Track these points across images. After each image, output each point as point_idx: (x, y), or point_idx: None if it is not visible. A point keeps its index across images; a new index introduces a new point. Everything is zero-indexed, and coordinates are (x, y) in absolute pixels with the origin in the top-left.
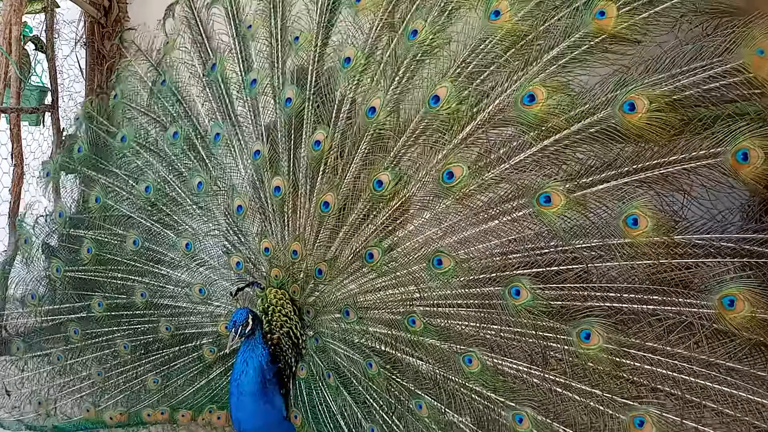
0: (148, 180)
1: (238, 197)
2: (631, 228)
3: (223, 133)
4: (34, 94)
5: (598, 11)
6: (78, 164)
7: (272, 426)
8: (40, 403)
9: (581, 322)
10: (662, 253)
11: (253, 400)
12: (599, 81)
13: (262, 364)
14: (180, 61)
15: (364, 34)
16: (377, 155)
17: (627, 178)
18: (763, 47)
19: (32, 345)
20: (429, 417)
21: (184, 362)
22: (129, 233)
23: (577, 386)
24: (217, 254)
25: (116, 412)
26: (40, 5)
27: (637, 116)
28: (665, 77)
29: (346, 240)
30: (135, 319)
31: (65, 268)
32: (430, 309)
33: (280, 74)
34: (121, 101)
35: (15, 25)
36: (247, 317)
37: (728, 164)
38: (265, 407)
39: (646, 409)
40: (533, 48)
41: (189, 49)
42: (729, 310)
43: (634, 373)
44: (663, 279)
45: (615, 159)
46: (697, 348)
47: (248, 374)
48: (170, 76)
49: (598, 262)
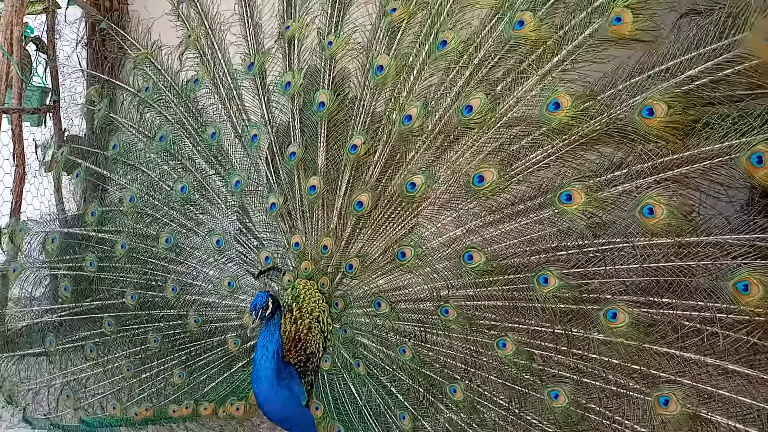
0: (184, 180)
1: (272, 195)
2: (647, 217)
3: (260, 134)
4: (36, 94)
5: (614, 17)
6: (110, 161)
7: (289, 410)
8: (68, 397)
9: (608, 303)
10: (677, 243)
11: (271, 384)
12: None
13: (279, 349)
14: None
15: (402, 46)
16: (411, 159)
17: (644, 178)
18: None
19: (64, 338)
20: (463, 399)
21: (209, 356)
22: (162, 231)
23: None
24: (245, 250)
25: (142, 407)
26: (41, 6)
27: (656, 120)
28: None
29: (378, 238)
30: (165, 313)
31: (99, 264)
32: (462, 302)
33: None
34: (147, 98)
35: (16, 26)
36: (267, 300)
37: (743, 167)
38: (282, 391)
39: (671, 387)
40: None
41: (222, 47)
42: (744, 294)
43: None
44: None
45: (633, 160)
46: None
47: (267, 358)
48: (202, 75)
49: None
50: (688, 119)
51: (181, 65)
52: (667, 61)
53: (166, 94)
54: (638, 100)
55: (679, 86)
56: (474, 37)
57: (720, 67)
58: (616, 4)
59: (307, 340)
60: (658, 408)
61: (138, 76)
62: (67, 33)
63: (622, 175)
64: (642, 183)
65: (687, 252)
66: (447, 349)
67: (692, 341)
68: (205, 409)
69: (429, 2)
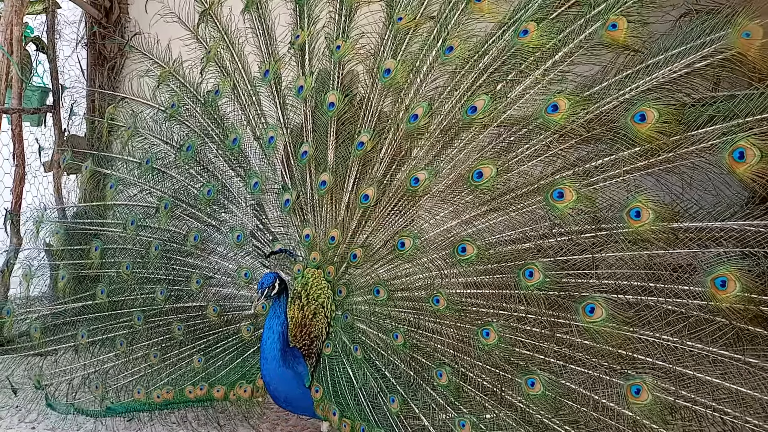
0: (210, 184)
1: (287, 192)
2: (634, 220)
3: (276, 135)
4: (36, 94)
5: (610, 24)
6: (144, 171)
7: (292, 390)
8: (97, 387)
9: (586, 298)
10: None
11: (277, 363)
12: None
13: (285, 331)
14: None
15: (409, 51)
16: (416, 156)
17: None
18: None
19: (96, 332)
20: (448, 383)
21: (225, 343)
22: (190, 230)
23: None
24: (261, 244)
25: (163, 390)
26: (41, 6)
27: (647, 126)
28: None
29: (380, 229)
30: (189, 304)
31: (133, 266)
32: (454, 291)
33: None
34: (174, 114)
35: (16, 26)
36: (274, 281)
37: (725, 162)
38: (287, 371)
39: (642, 377)
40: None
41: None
42: (721, 290)
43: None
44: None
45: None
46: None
47: (273, 339)
48: (222, 86)
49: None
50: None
51: (203, 77)
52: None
53: (191, 106)
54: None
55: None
56: (479, 45)
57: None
58: (612, 12)
59: (312, 325)
60: (630, 397)
61: (164, 93)
62: (67, 33)
63: (611, 173)
64: (630, 178)
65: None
66: (437, 335)
67: (676, 328)
68: (218, 391)
69: (435, 15)
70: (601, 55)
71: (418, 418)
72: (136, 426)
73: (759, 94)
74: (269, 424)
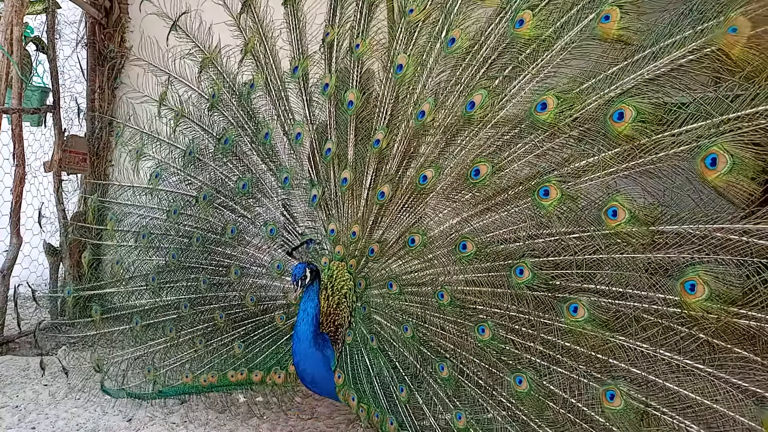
0: (245, 178)
1: (314, 188)
2: (611, 219)
3: (303, 132)
4: (36, 94)
5: (603, 16)
6: (186, 161)
7: (320, 370)
8: (149, 371)
9: (570, 298)
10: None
11: (309, 344)
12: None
13: (317, 315)
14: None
15: (418, 45)
16: (423, 153)
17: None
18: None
19: (149, 317)
20: (448, 377)
21: (262, 331)
22: (228, 222)
23: (561, 357)
24: (292, 237)
25: (209, 374)
26: (41, 6)
27: (624, 125)
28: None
29: (394, 225)
30: (229, 294)
31: (179, 255)
32: (456, 287)
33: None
34: (215, 104)
35: (16, 26)
36: (305, 270)
37: (697, 168)
38: (316, 353)
39: (617, 383)
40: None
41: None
42: (690, 294)
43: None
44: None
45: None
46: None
47: (307, 321)
48: (257, 80)
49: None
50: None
51: (239, 69)
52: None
53: (228, 97)
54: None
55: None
56: (478, 34)
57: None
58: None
59: (336, 314)
60: (605, 401)
61: (204, 80)
62: (67, 33)
63: (592, 174)
64: (610, 179)
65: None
66: (440, 330)
67: (650, 332)
68: (256, 376)
69: (442, 2)
70: (594, 47)
71: (421, 408)
72: (137, 426)
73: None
74: (269, 424)
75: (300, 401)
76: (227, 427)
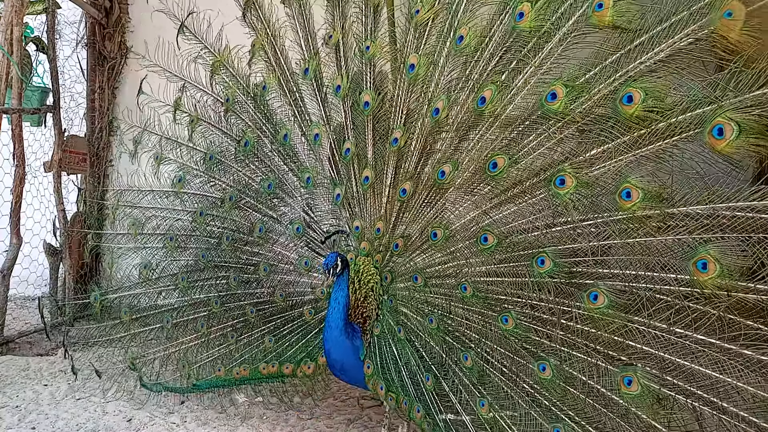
0: (270, 179)
1: (337, 187)
2: (625, 200)
3: (321, 133)
4: (36, 94)
5: (597, 4)
6: (209, 163)
7: (349, 359)
8: (184, 366)
9: (589, 285)
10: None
11: (339, 332)
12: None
13: (347, 304)
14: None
15: (428, 44)
16: (440, 149)
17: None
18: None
19: (180, 315)
20: (472, 367)
21: (291, 325)
22: (255, 222)
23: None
24: (317, 235)
25: (241, 367)
26: (41, 6)
27: (634, 107)
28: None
29: (416, 220)
30: (259, 290)
31: (209, 256)
32: (478, 279)
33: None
34: (230, 107)
35: (16, 26)
36: (336, 259)
37: (705, 140)
38: (346, 342)
39: (634, 370)
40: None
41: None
42: (702, 272)
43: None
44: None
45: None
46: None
47: (338, 309)
48: (269, 81)
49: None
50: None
51: (250, 69)
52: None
53: (243, 100)
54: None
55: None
56: (485, 31)
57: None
58: None
59: (364, 306)
60: (623, 387)
61: (217, 84)
62: (67, 33)
63: (604, 156)
64: (622, 162)
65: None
66: (465, 320)
67: (665, 315)
68: (287, 368)
69: (448, 2)
70: (593, 36)
71: (447, 396)
72: (137, 426)
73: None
74: (269, 424)
75: (300, 401)
76: (227, 427)
